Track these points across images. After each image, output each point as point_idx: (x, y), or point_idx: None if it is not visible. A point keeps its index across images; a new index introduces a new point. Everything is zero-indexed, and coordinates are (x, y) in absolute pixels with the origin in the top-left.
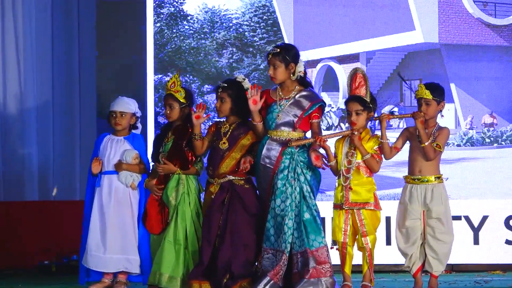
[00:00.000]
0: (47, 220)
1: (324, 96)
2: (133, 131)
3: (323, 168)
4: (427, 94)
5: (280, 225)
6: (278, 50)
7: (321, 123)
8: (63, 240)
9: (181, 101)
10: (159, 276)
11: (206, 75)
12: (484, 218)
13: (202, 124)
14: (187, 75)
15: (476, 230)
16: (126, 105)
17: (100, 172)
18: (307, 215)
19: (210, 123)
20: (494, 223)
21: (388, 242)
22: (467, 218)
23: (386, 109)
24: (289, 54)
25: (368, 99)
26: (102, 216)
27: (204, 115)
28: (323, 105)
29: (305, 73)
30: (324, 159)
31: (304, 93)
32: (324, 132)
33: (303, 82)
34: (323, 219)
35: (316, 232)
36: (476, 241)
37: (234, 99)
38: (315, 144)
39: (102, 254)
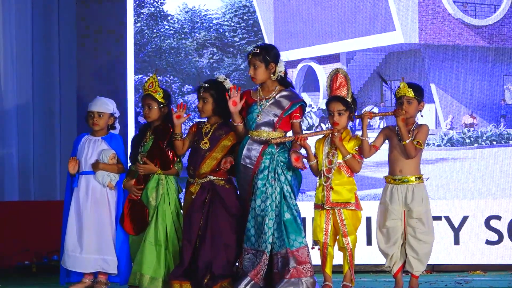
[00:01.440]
0: (27, 220)
1: (305, 96)
2: (111, 131)
3: (303, 169)
4: (410, 92)
5: (261, 225)
6: (258, 50)
7: (302, 123)
8: (44, 240)
9: (160, 101)
10: (140, 277)
11: (186, 75)
12: (465, 218)
13: (182, 124)
14: (168, 75)
15: (456, 231)
16: (104, 105)
17: (77, 172)
18: (287, 215)
19: (191, 123)
20: (474, 223)
21: (369, 242)
22: (447, 218)
23: (366, 109)
24: (269, 54)
25: (350, 100)
26: (79, 216)
27: (185, 115)
28: (303, 105)
29: (285, 73)
30: (304, 159)
31: (284, 93)
32: (304, 132)
33: (284, 82)
34: (303, 219)
35: (297, 232)
36: (456, 241)
37: (216, 100)
38: (296, 145)
39: (79, 254)
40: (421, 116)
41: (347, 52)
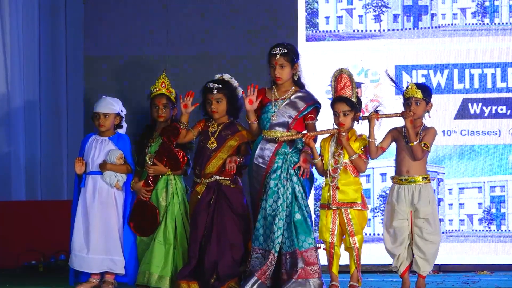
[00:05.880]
0: (34, 220)
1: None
2: (118, 130)
3: (303, 177)
4: (418, 93)
5: (270, 225)
6: (286, 50)
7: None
8: (51, 240)
9: (173, 101)
10: (148, 276)
11: None
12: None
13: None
14: None
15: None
16: (109, 105)
17: (85, 172)
18: (298, 216)
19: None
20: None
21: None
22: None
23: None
24: (295, 53)
25: (354, 100)
26: (86, 217)
27: (192, 105)
28: (318, 106)
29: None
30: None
31: (299, 94)
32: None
33: (299, 83)
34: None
35: (306, 233)
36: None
37: (228, 99)
38: (306, 146)
39: (85, 254)
40: (429, 117)
41: None
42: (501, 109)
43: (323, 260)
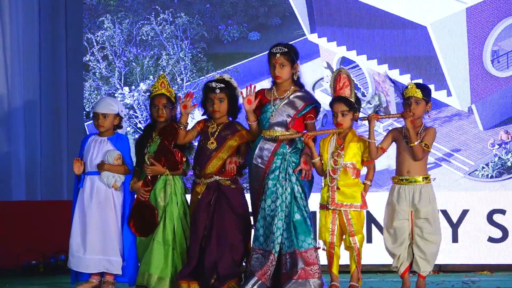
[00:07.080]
0: (34, 220)
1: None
2: (118, 130)
3: (306, 172)
4: (418, 93)
5: (270, 225)
6: (287, 49)
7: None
8: (51, 240)
9: (173, 101)
10: (148, 277)
11: None
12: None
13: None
14: None
15: (455, 227)
16: (109, 106)
17: (83, 173)
18: (297, 216)
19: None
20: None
21: (369, 241)
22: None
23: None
24: (296, 53)
25: (353, 100)
26: (83, 217)
27: (191, 105)
28: (317, 106)
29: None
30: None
31: (298, 93)
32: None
33: (298, 83)
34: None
35: (306, 233)
36: (455, 239)
37: (230, 99)
38: (306, 147)
39: (82, 254)
40: (428, 117)
41: None
42: None
43: (323, 260)
